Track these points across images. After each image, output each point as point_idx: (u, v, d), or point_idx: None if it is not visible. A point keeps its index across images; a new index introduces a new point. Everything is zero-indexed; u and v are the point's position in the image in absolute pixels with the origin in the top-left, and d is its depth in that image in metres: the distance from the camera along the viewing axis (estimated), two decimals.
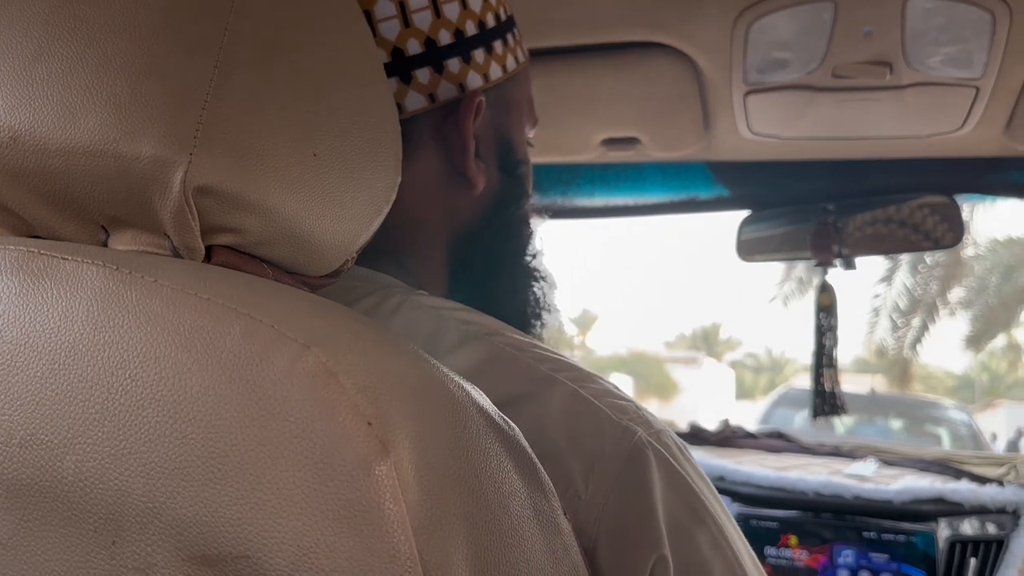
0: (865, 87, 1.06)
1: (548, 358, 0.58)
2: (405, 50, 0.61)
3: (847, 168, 1.41)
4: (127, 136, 0.40)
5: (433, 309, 0.60)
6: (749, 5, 0.97)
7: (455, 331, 0.59)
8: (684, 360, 22.21)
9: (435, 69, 0.62)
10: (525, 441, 0.44)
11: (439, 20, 0.62)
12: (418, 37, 0.62)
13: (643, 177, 1.52)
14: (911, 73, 1.03)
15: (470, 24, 0.64)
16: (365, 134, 0.49)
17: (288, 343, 0.36)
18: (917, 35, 0.98)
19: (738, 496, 1.56)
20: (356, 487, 0.34)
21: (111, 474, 0.35)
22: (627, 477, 0.52)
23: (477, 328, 0.59)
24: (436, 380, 0.40)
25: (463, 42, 0.63)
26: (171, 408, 0.35)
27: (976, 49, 1.00)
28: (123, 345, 0.36)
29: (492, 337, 0.59)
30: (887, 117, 1.15)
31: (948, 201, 1.42)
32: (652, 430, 0.55)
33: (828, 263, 1.45)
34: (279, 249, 0.46)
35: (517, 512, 0.40)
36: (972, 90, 1.07)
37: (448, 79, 0.63)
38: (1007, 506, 1.51)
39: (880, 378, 14.70)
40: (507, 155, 0.69)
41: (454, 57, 0.63)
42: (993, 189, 1.44)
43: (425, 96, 0.63)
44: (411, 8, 0.61)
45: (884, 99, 1.09)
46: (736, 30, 1.00)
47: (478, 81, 0.64)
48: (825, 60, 1.02)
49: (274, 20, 0.44)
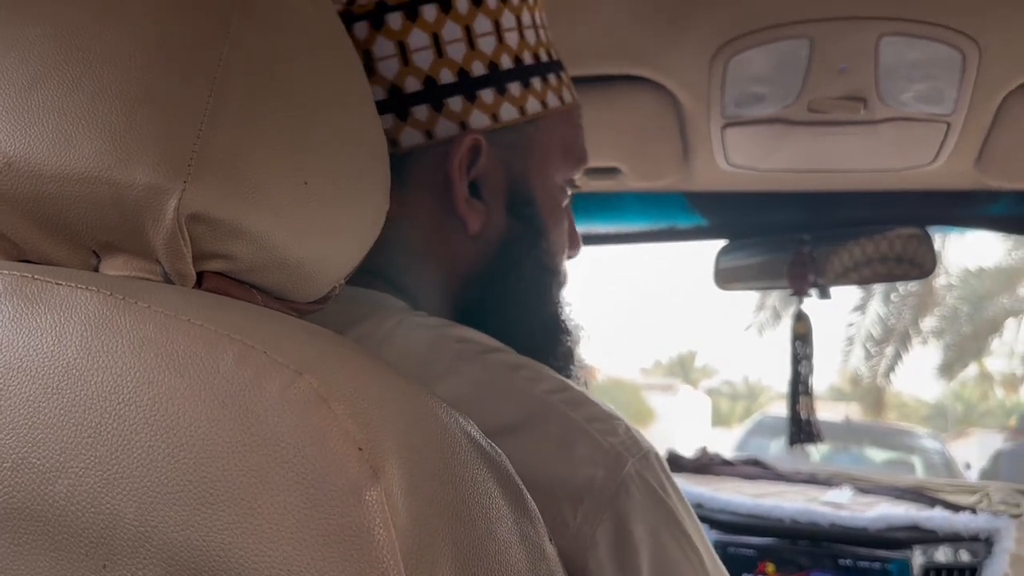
0: (840, 121, 1.09)
1: (544, 377, 0.58)
2: (403, 87, 0.61)
3: (822, 200, 1.43)
4: (121, 163, 0.40)
5: (429, 328, 0.61)
6: (727, 41, 0.99)
7: (450, 350, 0.59)
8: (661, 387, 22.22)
9: (434, 107, 0.62)
10: (511, 467, 0.44)
11: (440, 59, 0.62)
12: (417, 75, 0.61)
13: (623, 206, 1.54)
14: (884, 108, 1.06)
15: (477, 64, 0.63)
16: (355, 163, 0.50)
17: (280, 369, 0.37)
18: (890, 72, 1.01)
19: (716, 523, 1.57)
20: (346, 513, 0.34)
21: (103, 498, 0.35)
22: (616, 507, 0.53)
23: (473, 346, 0.59)
24: (425, 406, 0.40)
25: (467, 81, 0.63)
26: (163, 433, 0.35)
27: (947, 86, 1.03)
28: (116, 370, 0.36)
29: (487, 355, 0.59)
30: (861, 151, 1.18)
31: (921, 233, 1.45)
32: (641, 453, 0.56)
33: (804, 292, 1.47)
34: (269, 275, 0.46)
35: (503, 537, 0.41)
36: (943, 125, 1.10)
37: (447, 117, 0.62)
38: (980, 533, 1.53)
39: (855, 406, 14.79)
40: (517, 197, 0.67)
41: (455, 96, 0.62)
42: (964, 221, 1.47)
43: (421, 133, 0.62)
44: (411, 48, 0.61)
45: (858, 133, 1.12)
46: (714, 65, 1.03)
47: (484, 121, 0.63)
48: (801, 95, 1.05)
49: (268, 50, 0.45)
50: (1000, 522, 1.54)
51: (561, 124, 0.70)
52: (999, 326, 13.58)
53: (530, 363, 0.60)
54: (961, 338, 13.82)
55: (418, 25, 0.61)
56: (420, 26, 0.61)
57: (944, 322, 13.92)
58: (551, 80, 0.68)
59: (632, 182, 1.36)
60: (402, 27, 0.61)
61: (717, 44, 1.00)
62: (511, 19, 0.65)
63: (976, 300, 13.64)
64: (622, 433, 0.57)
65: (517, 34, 0.66)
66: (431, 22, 0.62)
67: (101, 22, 0.42)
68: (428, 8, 0.61)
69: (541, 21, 0.69)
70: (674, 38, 1.00)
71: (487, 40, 0.63)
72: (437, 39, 0.62)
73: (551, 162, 0.69)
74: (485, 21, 0.63)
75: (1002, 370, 15.95)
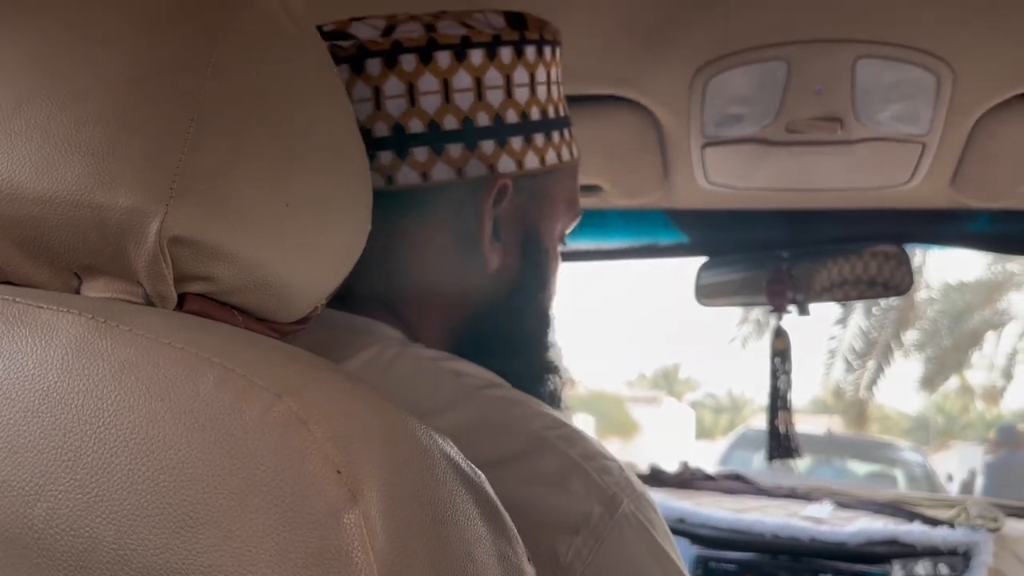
0: (817, 141, 1.10)
1: (541, 414, 0.60)
2: (441, 125, 0.63)
3: (801, 218, 1.45)
4: (104, 187, 0.41)
5: (429, 361, 0.62)
6: (706, 62, 1.01)
7: (450, 383, 0.60)
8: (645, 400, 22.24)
9: (467, 146, 0.64)
10: (491, 488, 0.45)
11: (479, 102, 0.64)
12: (456, 115, 0.64)
13: (605, 223, 1.55)
14: (861, 129, 1.07)
15: (511, 113, 0.66)
16: (337, 186, 0.51)
17: (260, 392, 0.37)
18: (866, 93, 1.02)
19: (697, 538, 1.58)
20: (325, 536, 0.35)
21: (82, 521, 0.35)
22: (609, 544, 0.54)
23: (472, 380, 0.61)
24: (404, 428, 0.41)
25: (501, 127, 0.65)
26: (143, 456, 0.36)
27: (922, 107, 1.05)
28: (97, 393, 0.37)
29: (486, 391, 0.60)
30: (839, 170, 1.20)
31: (898, 250, 1.47)
32: (635, 494, 0.58)
33: (783, 309, 1.49)
34: (251, 297, 0.47)
35: (482, 559, 0.41)
36: (919, 146, 1.12)
37: (480, 158, 0.65)
38: (958, 547, 1.55)
39: (837, 419, 14.85)
40: (532, 244, 0.69)
41: (489, 139, 0.65)
42: (941, 239, 1.49)
43: (453, 170, 0.64)
44: (454, 87, 0.63)
45: (835, 153, 1.14)
46: (694, 86, 1.04)
47: (510, 166, 0.66)
48: (779, 116, 1.06)
49: (251, 75, 0.45)
50: (978, 536, 1.56)
51: (568, 177, 0.73)
52: (979, 339, 13.71)
53: (528, 399, 0.61)
54: (942, 351, 13.93)
55: (464, 67, 0.64)
56: (466, 68, 0.64)
57: (925, 335, 14.03)
58: (565, 135, 0.72)
59: (614, 200, 1.37)
60: (449, 66, 0.63)
61: (696, 65, 1.02)
62: (543, 74, 0.69)
63: (956, 314, 13.76)
64: (616, 473, 0.58)
65: (546, 88, 0.69)
66: (477, 66, 0.64)
67: (86, 47, 0.43)
68: (476, 53, 0.64)
69: (559, 78, 0.72)
70: (654, 59, 1.02)
71: (522, 91, 0.66)
72: (480, 83, 0.64)
73: (558, 212, 0.72)
74: (523, 72, 0.66)
75: (982, 383, 16.07)
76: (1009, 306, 13.54)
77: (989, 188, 1.25)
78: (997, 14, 0.90)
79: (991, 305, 13.48)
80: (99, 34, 0.43)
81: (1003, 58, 0.97)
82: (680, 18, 0.94)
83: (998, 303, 13.46)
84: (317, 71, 0.51)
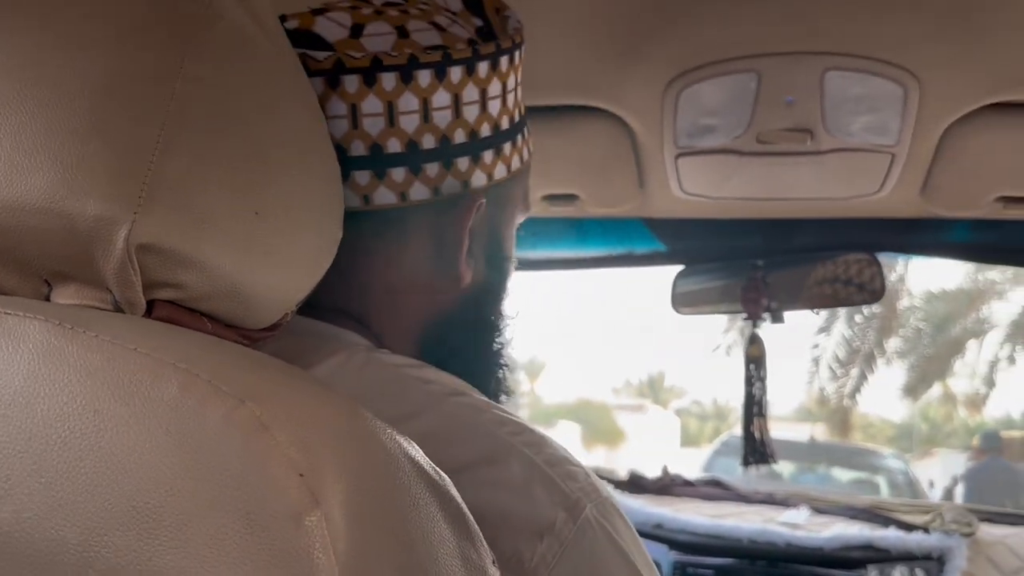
0: (788, 152, 1.12)
1: (507, 420, 0.60)
2: (420, 144, 0.63)
3: (775, 226, 1.47)
4: (73, 195, 0.41)
5: (396, 367, 0.62)
6: (678, 74, 1.02)
7: (417, 390, 0.60)
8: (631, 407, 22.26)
9: (444, 165, 0.64)
10: (455, 491, 0.46)
11: (457, 120, 0.64)
12: (434, 133, 0.63)
13: (584, 232, 1.57)
14: (830, 139, 1.09)
15: (485, 126, 0.65)
16: (308, 195, 0.51)
17: (223, 397, 0.38)
18: (835, 105, 1.04)
19: (675, 543, 1.59)
20: (287, 537, 0.35)
21: (47, 524, 0.36)
22: (573, 550, 0.55)
23: (439, 388, 0.61)
24: (368, 431, 0.41)
25: (476, 142, 0.65)
26: (108, 460, 0.36)
27: (890, 118, 1.07)
28: (63, 398, 0.37)
29: (453, 398, 0.61)
30: (810, 180, 1.22)
31: (870, 259, 1.50)
32: (599, 498, 0.58)
33: (757, 316, 1.50)
34: (219, 303, 0.47)
35: (445, 560, 0.42)
36: (888, 156, 1.14)
37: (455, 176, 0.64)
38: (932, 552, 1.57)
39: (821, 426, 14.90)
40: (496, 251, 0.70)
41: (464, 156, 0.65)
42: (912, 248, 1.52)
43: (430, 189, 0.64)
44: (433, 106, 0.63)
45: (807, 163, 1.15)
46: (667, 97, 1.06)
47: (482, 180, 0.66)
48: (750, 127, 1.08)
49: (221, 85, 0.46)
50: (952, 541, 1.57)
51: (525, 175, 0.73)
52: (961, 347, 13.80)
53: (492, 406, 0.62)
54: (924, 359, 14.01)
55: (444, 85, 0.63)
56: (446, 86, 0.63)
57: (908, 343, 14.11)
58: (525, 134, 0.72)
59: (591, 208, 1.39)
60: (429, 84, 0.62)
61: (668, 77, 1.03)
62: (512, 81, 0.68)
63: (939, 322, 13.84)
64: (581, 479, 0.58)
65: (514, 96, 0.69)
66: (456, 83, 0.63)
67: (56, 57, 0.43)
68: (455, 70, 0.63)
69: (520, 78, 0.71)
70: (626, 71, 1.03)
71: (495, 103, 0.66)
72: (457, 100, 0.64)
73: (516, 212, 0.72)
74: (497, 84, 0.66)
75: (965, 391, 16.16)
76: (991, 314, 13.64)
77: (958, 198, 1.27)
78: (962, 27, 0.92)
79: (973, 313, 13.57)
80: (70, 44, 0.44)
81: (968, 70, 0.99)
82: (652, 31, 0.96)
83: (980, 311, 13.56)
84: (287, 83, 0.52)
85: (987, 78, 1.01)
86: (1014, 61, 0.97)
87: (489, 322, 0.71)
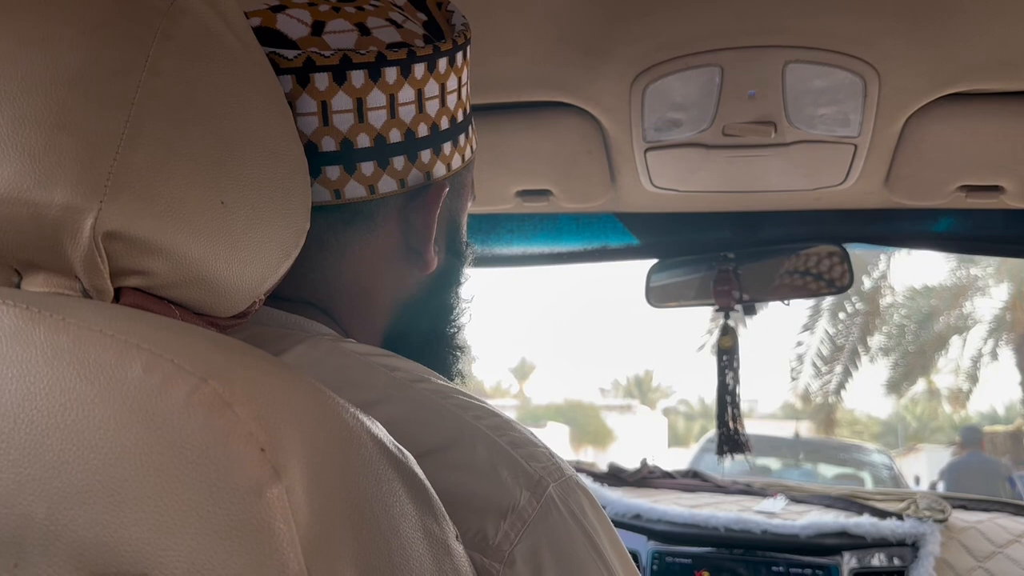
0: (753, 144, 1.14)
1: (471, 405, 0.62)
2: (387, 138, 0.66)
3: (745, 219, 1.49)
4: (40, 184, 0.43)
5: (361, 356, 0.63)
6: (643, 70, 1.04)
7: (383, 378, 0.62)
8: (619, 408, 22.30)
9: (409, 158, 0.67)
10: (418, 468, 0.47)
11: (420, 115, 0.67)
12: (400, 128, 0.66)
13: (558, 227, 1.59)
14: (794, 132, 1.11)
15: (444, 119, 0.69)
16: (274, 184, 0.53)
17: (186, 376, 0.39)
18: (797, 97, 1.06)
19: (653, 534, 1.60)
20: (248, 509, 0.37)
21: (15, 500, 0.37)
22: (535, 529, 0.56)
23: (404, 375, 0.62)
24: (330, 409, 0.43)
25: (436, 135, 0.68)
26: (74, 437, 0.38)
27: (851, 110, 1.09)
28: (30, 379, 0.39)
29: (418, 384, 0.62)
30: (776, 172, 1.24)
31: (839, 250, 1.52)
32: (563, 477, 0.60)
33: (729, 308, 1.52)
34: (187, 291, 0.49)
35: (407, 533, 0.44)
36: (851, 147, 1.16)
37: (419, 168, 0.68)
38: (907, 538, 1.59)
39: (807, 423, 14.98)
40: (455, 237, 0.73)
41: (427, 148, 0.68)
42: (880, 239, 1.54)
43: (397, 181, 0.67)
44: (399, 101, 0.66)
45: (772, 156, 1.18)
46: (633, 92, 1.08)
47: (443, 171, 0.69)
48: (715, 120, 1.10)
49: (186, 78, 0.48)
50: (925, 527, 1.60)
51: (472, 165, 0.77)
52: (945, 343, 13.90)
53: (458, 391, 0.64)
54: (908, 356, 14.11)
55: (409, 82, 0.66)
56: (411, 83, 0.66)
57: (891, 340, 14.21)
58: (473, 127, 0.75)
59: (563, 204, 1.41)
60: (395, 81, 0.65)
61: (634, 73, 1.05)
62: (466, 75, 0.72)
63: (921, 318, 13.94)
64: (544, 460, 0.60)
65: (467, 89, 0.72)
66: (419, 79, 0.66)
67: (23, 51, 0.45)
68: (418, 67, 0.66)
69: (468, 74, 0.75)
70: (592, 67, 1.05)
71: (452, 97, 0.70)
72: (420, 95, 0.67)
73: (467, 199, 0.76)
74: (454, 80, 0.70)
75: (949, 386, 16.29)
76: (973, 310, 13.75)
77: (921, 188, 1.30)
78: (918, 19, 0.94)
79: (955, 309, 13.68)
80: (36, 38, 0.45)
81: (926, 61, 1.01)
82: (616, 27, 0.98)
83: (962, 307, 13.67)
84: (252, 77, 0.53)
85: (944, 70, 1.03)
86: (971, 52, 0.99)
87: (448, 306, 0.74)
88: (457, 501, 0.51)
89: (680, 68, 1.02)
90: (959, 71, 1.04)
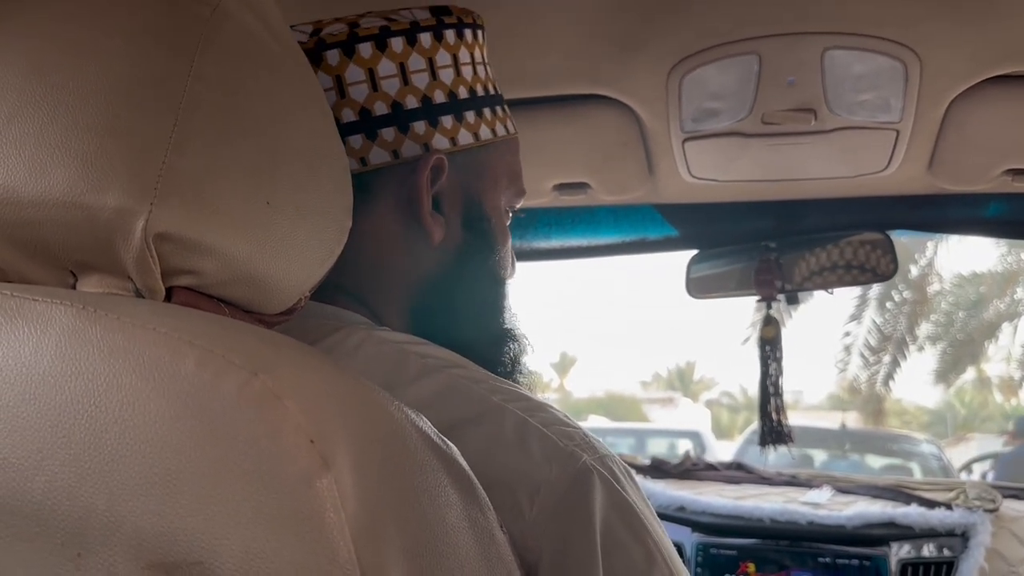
0: (793, 132, 1.13)
1: (502, 389, 0.62)
2: (372, 111, 0.68)
3: (786, 208, 1.48)
4: (93, 189, 0.44)
5: (395, 344, 0.65)
6: (680, 60, 1.04)
7: (415, 364, 0.63)
8: (661, 400, 22.14)
9: (400, 129, 0.68)
10: (463, 459, 0.48)
11: (406, 87, 0.68)
12: (385, 100, 0.68)
13: (596, 220, 1.58)
14: (834, 118, 1.10)
15: (439, 93, 0.70)
16: (317, 183, 0.54)
17: (237, 371, 0.40)
18: (837, 83, 1.05)
19: (697, 525, 1.60)
20: (299, 498, 0.38)
21: (77, 492, 0.39)
22: (571, 499, 0.57)
23: (436, 361, 0.63)
24: (376, 402, 0.44)
25: (430, 108, 0.69)
26: (131, 431, 0.39)
27: (892, 95, 1.08)
28: (88, 376, 0.40)
29: (450, 370, 0.63)
30: (816, 160, 1.22)
31: (882, 237, 1.50)
32: (597, 455, 0.59)
33: (772, 298, 1.51)
34: (235, 289, 0.50)
35: (452, 522, 0.44)
36: (893, 133, 1.15)
37: (413, 139, 0.69)
38: (956, 529, 1.57)
39: (854, 414, 14.75)
40: (472, 213, 0.73)
41: (420, 120, 0.69)
42: (928, 226, 1.51)
43: (389, 152, 0.68)
44: (380, 75, 0.68)
45: (812, 143, 1.16)
46: (670, 83, 1.07)
47: (444, 144, 0.70)
48: (754, 108, 1.09)
49: (230, 82, 0.49)
50: (975, 517, 1.57)
51: (508, 152, 0.77)
52: (995, 331, 13.58)
53: (492, 378, 0.64)
54: (957, 344, 13.81)
55: (387, 55, 0.67)
56: (389, 56, 0.68)
57: (940, 328, 13.92)
58: (498, 111, 0.76)
59: (602, 196, 1.41)
60: (372, 55, 0.67)
61: (670, 63, 1.05)
62: (466, 55, 0.72)
63: (970, 306, 13.64)
64: (578, 438, 0.60)
65: (471, 68, 0.73)
66: (399, 52, 0.68)
67: (74, 61, 0.46)
68: (396, 40, 0.68)
69: (484, 58, 0.76)
70: (629, 59, 1.05)
71: (446, 72, 0.70)
72: (403, 68, 0.68)
73: (500, 185, 0.76)
74: (445, 55, 0.70)
75: (1000, 374, 15.92)
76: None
77: (966, 172, 1.27)
78: (959, 2, 0.92)
79: (1005, 296, 13.35)
80: (85, 49, 0.47)
81: (968, 43, 1.00)
82: (651, 18, 0.98)
83: (1013, 294, 13.34)
84: (294, 79, 0.54)
85: (987, 52, 1.01)
86: (1014, 33, 0.97)
87: (478, 283, 0.74)
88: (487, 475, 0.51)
89: (717, 57, 1.02)
90: (1003, 53, 1.02)
